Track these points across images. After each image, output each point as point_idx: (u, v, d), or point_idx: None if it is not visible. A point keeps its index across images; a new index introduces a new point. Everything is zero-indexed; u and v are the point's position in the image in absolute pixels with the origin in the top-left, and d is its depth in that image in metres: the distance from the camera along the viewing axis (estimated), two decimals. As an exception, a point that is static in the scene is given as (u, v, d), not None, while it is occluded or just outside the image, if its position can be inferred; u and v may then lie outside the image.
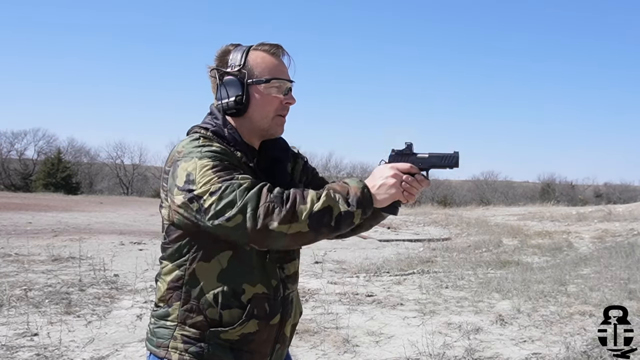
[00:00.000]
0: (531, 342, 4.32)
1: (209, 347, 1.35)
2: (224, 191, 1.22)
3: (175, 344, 1.36)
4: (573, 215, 15.22)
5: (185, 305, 1.36)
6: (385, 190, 1.34)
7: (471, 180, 49.63)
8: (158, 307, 1.41)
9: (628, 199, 30.92)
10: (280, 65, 1.45)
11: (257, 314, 1.37)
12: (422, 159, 1.40)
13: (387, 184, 1.34)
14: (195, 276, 1.35)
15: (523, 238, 11.40)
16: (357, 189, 1.29)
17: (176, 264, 1.37)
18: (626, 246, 8.93)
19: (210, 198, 1.22)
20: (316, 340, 4.30)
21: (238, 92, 1.40)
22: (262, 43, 1.45)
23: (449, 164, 1.40)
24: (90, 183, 42.18)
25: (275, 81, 1.42)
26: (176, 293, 1.37)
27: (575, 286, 6.23)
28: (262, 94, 1.41)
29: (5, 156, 40.28)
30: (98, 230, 12.19)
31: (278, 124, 1.45)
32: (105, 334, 4.35)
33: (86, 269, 6.86)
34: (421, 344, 4.12)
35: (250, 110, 1.42)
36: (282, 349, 1.50)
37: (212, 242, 1.33)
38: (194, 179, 1.25)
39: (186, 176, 1.27)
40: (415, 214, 18.27)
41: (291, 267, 1.49)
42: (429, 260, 8.65)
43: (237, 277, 1.35)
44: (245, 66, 1.41)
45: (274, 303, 1.41)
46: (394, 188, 1.34)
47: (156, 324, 1.41)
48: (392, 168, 1.36)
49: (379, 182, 1.34)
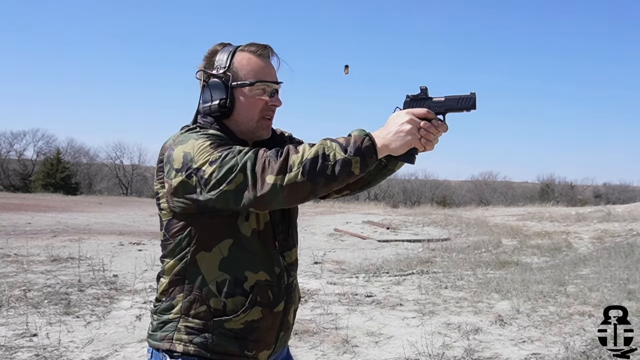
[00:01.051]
0: (530, 342, 4.32)
1: (213, 337, 1.35)
2: (224, 158, 1.22)
3: (180, 336, 1.36)
4: (572, 215, 15.22)
5: (188, 296, 1.36)
6: (401, 137, 1.28)
7: (470, 180, 49.73)
8: (160, 302, 1.41)
9: (627, 200, 30.92)
10: (267, 67, 1.44)
11: (260, 301, 1.37)
12: (438, 102, 1.35)
13: (402, 131, 1.28)
14: (197, 267, 1.35)
15: (522, 238, 11.40)
16: (359, 137, 1.24)
17: (178, 258, 1.37)
18: (625, 246, 8.93)
19: (211, 167, 1.22)
20: (315, 340, 4.30)
21: (222, 96, 1.39)
22: (250, 44, 1.44)
23: (466, 106, 1.34)
24: (90, 183, 42.17)
25: (261, 84, 1.41)
26: (179, 286, 1.37)
27: (574, 286, 6.23)
28: (247, 96, 1.40)
29: (4, 157, 40.27)
30: (97, 230, 12.19)
31: (263, 126, 1.44)
32: (104, 334, 4.35)
33: (85, 270, 6.86)
34: (420, 344, 4.12)
35: (235, 113, 1.41)
36: (286, 336, 1.50)
37: (212, 231, 1.34)
38: (192, 157, 1.25)
39: (183, 157, 1.26)
40: (415, 215, 18.27)
41: (292, 254, 1.49)
42: (428, 261, 8.65)
43: (239, 264, 1.35)
44: (230, 68, 1.40)
45: (277, 290, 1.41)
46: (410, 135, 1.28)
47: (159, 319, 1.40)
48: (408, 113, 1.31)
49: (394, 128, 1.28)
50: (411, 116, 1.30)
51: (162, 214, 1.39)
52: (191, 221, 1.34)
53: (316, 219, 16.23)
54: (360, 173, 1.25)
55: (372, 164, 1.26)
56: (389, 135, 1.28)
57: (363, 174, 1.27)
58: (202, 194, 1.24)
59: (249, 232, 1.36)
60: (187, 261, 1.35)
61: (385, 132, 1.29)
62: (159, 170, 1.35)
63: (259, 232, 1.38)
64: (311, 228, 13.66)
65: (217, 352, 1.36)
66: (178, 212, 1.34)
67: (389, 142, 1.28)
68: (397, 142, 1.28)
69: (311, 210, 20.05)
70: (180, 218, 1.35)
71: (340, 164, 1.21)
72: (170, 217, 1.37)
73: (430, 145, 1.33)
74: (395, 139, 1.28)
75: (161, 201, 1.38)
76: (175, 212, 1.34)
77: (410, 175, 46.69)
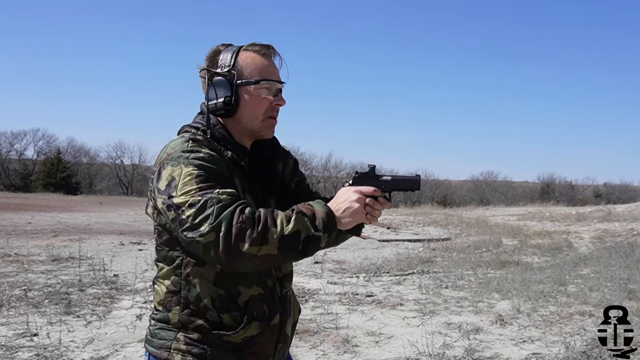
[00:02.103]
0: (531, 342, 4.32)
1: (212, 349, 1.35)
2: (202, 205, 1.22)
3: (178, 345, 1.36)
4: (573, 215, 15.22)
5: (185, 309, 1.36)
6: (349, 213, 1.35)
7: (471, 180, 49.66)
8: (157, 312, 1.41)
9: (628, 199, 30.90)
10: (271, 66, 1.44)
11: (256, 315, 1.37)
12: (385, 181, 1.43)
13: (351, 208, 1.35)
14: (191, 281, 1.35)
15: (523, 238, 11.41)
16: (323, 212, 1.30)
17: (172, 267, 1.37)
18: (626, 246, 8.93)
19: (189, 210, 1.23)
20: (316, 340, 4.30)
21: (227, 93, 1.39)
22: (252, 43, 1.45)
23: (410, 187, 1.43)
24: (90, 183, 42.15)
25: (265, 82, 1.41)
26: (175, 298, 1.37)
27: (574, 286, 6.24)
28: (252, 95, 1.41)
29: (4, 156, 40.24)
30: (98, 230, 12.20)
31: (268, 125, 1.45)
32: (104, 334, 4.35)
33: (86, 269, 6.87)
34: (421, 344, 4.12)
35: (239, 112, 1.42)
36: (284, 348, 1.50)
37: None
38: (176, 185, 1.26)
39: (169, 180, 1.27)
40: (415, 214, 18.28)
41: (287, 265, 1.49)
42: (429, 261, 8.65)
43: (233, 279, 1.35)
44: (234, 67, 1.40)
45: (271, 303, 1.41)
46: (358, 212, 1.35)
47: (156, 325, 1.40)
48: (356, 192, 1.37)
49: (344, 205, 1.35)
50: (359, 194, 1.37)
51: (152, 219, 1.40)
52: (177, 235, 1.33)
53: (316, 218, 16.22)
54: (324, 248, 1.34)
55: (333, 237, 1.35)
56: (340, 212, 1.35)
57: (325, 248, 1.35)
58: (176, 231, 1.27)
59: None
60: (181, 274, 1.35)
61: (336, 208, 1.35)
62: (151, 180, 1.35)
63: None
64: (311, 228, 13.65)
65: None
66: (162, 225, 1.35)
67: (341, 217, 1.35)
68: (347, 217, 1.35)
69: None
70: (166, 230, 1.36)
71: (310, 241, 1.27)
72: (157, 224, 1.38)
73: (374, 220, 1.41)
74: (345, 215, 1.35)
75: (149, 208, 1.38)
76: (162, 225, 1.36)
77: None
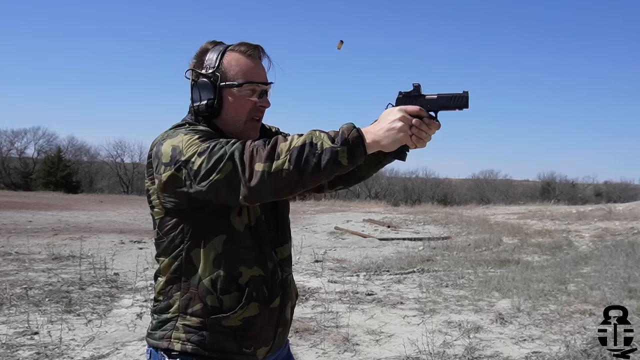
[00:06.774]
0: (531, 340, 4.32)
1: (210, 335, 1.35)
2: (212, 149, 1.22)
3: (178, 334, 1.36)
4: (573, 214, 15.19)
5: (185, 294, 1.36)
6: (392, 134, 1.27)
7: (471, 179, 49.66)
8: (158, 302, 1.42)
9: (628, 198, 30.84)
10: (256, 67, 1.43)
11: (256, 296, 1.37)
12: (430, 100, 1.33)
13: (394, 128, 1.27)
14: (192, 264, 1.35)
15: (523, 237, 11.39)
16: (347, 129, 1.24)
17: (172, 256, 1.37)
18: (626, 245, 8.92)
19: (200, 158, 1.22)
20: (316, 339, 4.31)
21: (210, 96, 1.39)
22: (240, 43, 1.43)
23: (458, 105, 1.33)
24: (91, 182, 42.13)
25: (249, 84, 1.40)
26: (175, 284, 1.38)
27: (575, 285, 6.23)
28: (235, 97, 1.40)
29: (5, 155, 40.26)
30: (98, 228, 12.19)
31: (252, 127, 1.44)
32: (105, 332, 4.36)
33: (86, 268, 6.87)
34: (421, 342, 4.13)
35: (223, 114, 1.41)
36: (283, 332, 1.50)
37: (205, 228, 1.34)
38: (180, 150, 1.26)
39: (172, 151, 1.27)
40: (415, 213, 18.25)
41: (284, 250, 1.49)
42: (429, 259, 8.64)
43: (233, 260, 1.36)
44: (219, 68, 1.40)
45: (272, 286, 1.41)
46: (401, 132, 1.27)
47: (158, 318, 1.41)
48: (400, 111, 1.29)
49: (386, 125, 1.27)
50: (403, 113, 1.29)
51: (155, 212, 1.40)
52: (184, 218, 1.34)
53: (317, 217, 16.22)
54: (349, 165, 1.24)
55: (360, 156, 1.25)
56: (381, 132, 1.27)
57: (352, 166, 1.25)
58: (192, 186, 1.24)
59: (242, 227, 1.36)
60: (182, 259, 1.36)
61: (377, 129, 1.28)
62: (149, 166, 1.36)
63: (251, 227, 1.38)
64: (312, 226, 13.65)
65: (215, 350, 1.36)
66: (170, 209, 1.34)
67: (380, 139, 1.27)
68: (389, 139, 1.27)
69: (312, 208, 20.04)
70: (172, 215, 1.35)
71: (327, 154, 1.20)
72: (163, 215, 1.37)
73: (422, 143, 1.32)
74: (386, 136, 1.27)
75: (152, 198, 1.38)
76: (167, 208, 1.35)
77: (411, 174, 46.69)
